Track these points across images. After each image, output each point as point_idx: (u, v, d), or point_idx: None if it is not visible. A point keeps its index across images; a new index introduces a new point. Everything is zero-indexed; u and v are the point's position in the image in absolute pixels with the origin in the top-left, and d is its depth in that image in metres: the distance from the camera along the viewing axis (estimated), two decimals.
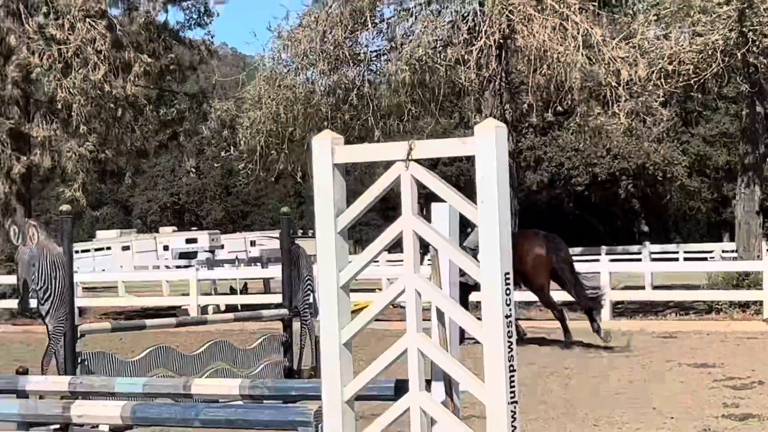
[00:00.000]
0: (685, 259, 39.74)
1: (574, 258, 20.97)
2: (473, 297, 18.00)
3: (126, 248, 69.78)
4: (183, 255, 61.67)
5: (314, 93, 27.24)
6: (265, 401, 6.12)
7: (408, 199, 4.72)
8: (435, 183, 4.68)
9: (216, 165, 48.63)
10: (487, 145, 4.53)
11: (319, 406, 4.78)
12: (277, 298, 25.24)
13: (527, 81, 26.05)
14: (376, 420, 4.81)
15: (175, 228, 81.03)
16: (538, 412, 11.54)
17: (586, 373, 15.21)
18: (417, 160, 4.72)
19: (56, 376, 8.37)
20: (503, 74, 26.51)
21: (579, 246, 42.37)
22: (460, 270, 15.35)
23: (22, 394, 6.07)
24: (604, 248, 39.61)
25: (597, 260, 29.24)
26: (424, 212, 4.87)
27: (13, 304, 27.60)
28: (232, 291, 34.92)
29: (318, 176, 4.84)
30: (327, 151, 4.81)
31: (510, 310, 4.53)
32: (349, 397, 4.76)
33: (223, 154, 31.87)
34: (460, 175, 59.33)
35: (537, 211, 57.32)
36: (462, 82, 26.27)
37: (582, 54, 23.53)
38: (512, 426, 4.54)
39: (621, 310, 25.84)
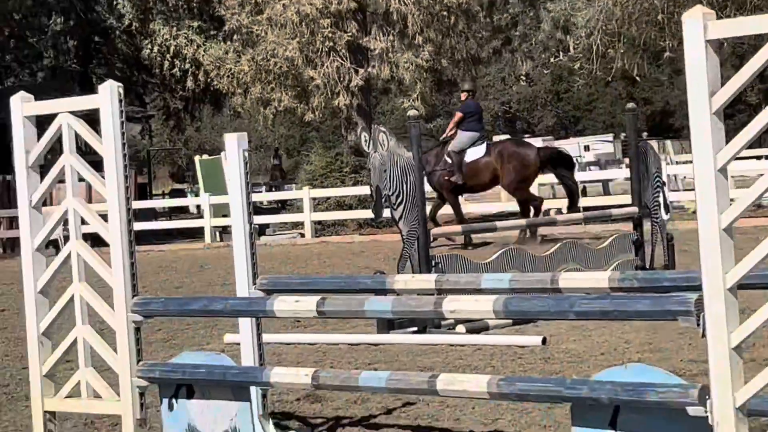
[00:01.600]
0: None
1: None
2: None
3: None
4: None
5: None
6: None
7: None
8: None
9: (546, 72, 48.32)
10: None
11: (699, 295, 4.58)
12: (617, 200, 25.01)
13: None
14: (760, 308, 4.57)
15: (508, 136, 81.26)
16: None
17: None
18: None
19: (422, 275, 8.47)
20: None
21: None
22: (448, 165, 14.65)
23: (382, 294, 6.10)
24: None
25: None
26: None
27: (358, 214, 28.42)
28: None
29: (689, 54, 4.59)
30: (698, 26, 4.56)
31: None
32: (732, 284, 4.54)
33: (553, 60, 31.59)
34: None
35: None
36: None
37: None
38: None
39: None
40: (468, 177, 20.82)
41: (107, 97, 6.06)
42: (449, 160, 20.78)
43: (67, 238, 6.37)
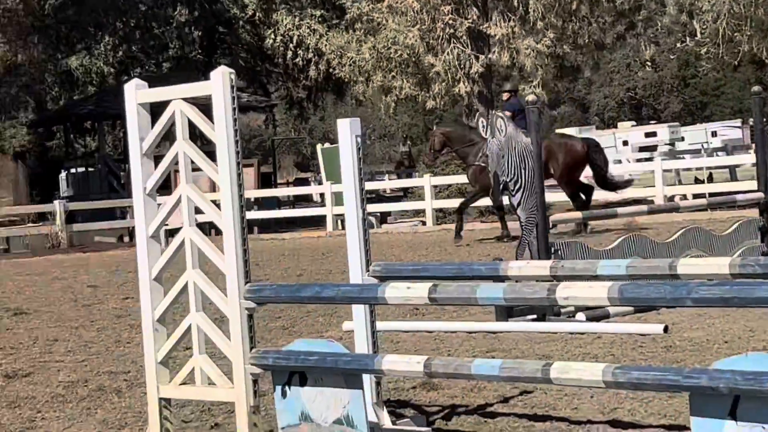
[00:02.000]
0: None
1: None
2: None
3: None
4: (643, 149, 61.01)
5: None
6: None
7: None
8: None
9: (672, 57, 47.56)
10: None
11: None
12: (745, 186, 24.50)
13: None
14: None
15: (633, 123, 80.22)
16: None
17: None
18: None
19: (537, 261, 8.34)
20: None
21: None
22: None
23: (500, 280, 6.00)
24: None
25: None
26: None
27: (479, 202, 28.22)
28: (697, 182, 34.19)
29: None
30: None
31: None
32: None
33: (678, 45, 31.07)
34: None
35: None
36: None
37: None
38: None
39: None
40: None
41: (219, 83, 6.05)
42: None
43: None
